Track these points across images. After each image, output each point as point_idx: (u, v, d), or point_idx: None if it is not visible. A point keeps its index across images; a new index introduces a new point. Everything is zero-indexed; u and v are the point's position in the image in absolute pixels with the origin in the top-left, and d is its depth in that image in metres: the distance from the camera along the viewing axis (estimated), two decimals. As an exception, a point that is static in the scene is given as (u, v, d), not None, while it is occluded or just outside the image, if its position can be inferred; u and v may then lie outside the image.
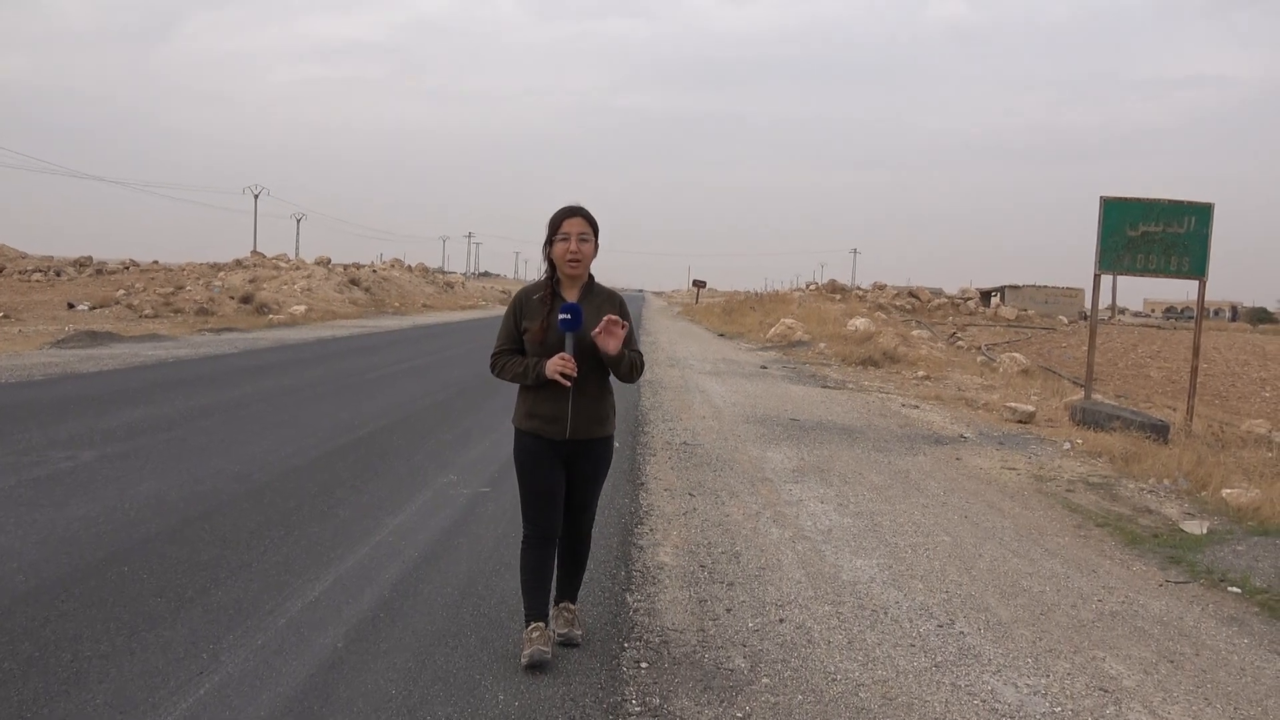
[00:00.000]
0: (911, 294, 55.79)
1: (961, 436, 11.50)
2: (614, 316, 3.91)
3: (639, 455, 9.19)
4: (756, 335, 30.86)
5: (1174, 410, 16.70)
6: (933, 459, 9.88)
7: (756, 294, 58.77)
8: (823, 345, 25.19)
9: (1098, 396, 16.24)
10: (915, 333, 32.37)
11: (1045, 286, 72.18)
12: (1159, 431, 11.46)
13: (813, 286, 55.54)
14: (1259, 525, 7.31)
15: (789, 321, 29.77)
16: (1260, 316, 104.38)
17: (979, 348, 33.84)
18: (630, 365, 4.07)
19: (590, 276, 4.14)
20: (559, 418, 3.99)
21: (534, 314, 4.03)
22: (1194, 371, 13.65)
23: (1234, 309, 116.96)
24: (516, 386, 4.15)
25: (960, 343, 35.31)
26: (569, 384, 3.91)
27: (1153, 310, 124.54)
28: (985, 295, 70.60)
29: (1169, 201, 13.31)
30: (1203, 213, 13.25)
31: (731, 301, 54.22)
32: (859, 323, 27.99)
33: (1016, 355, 26.00)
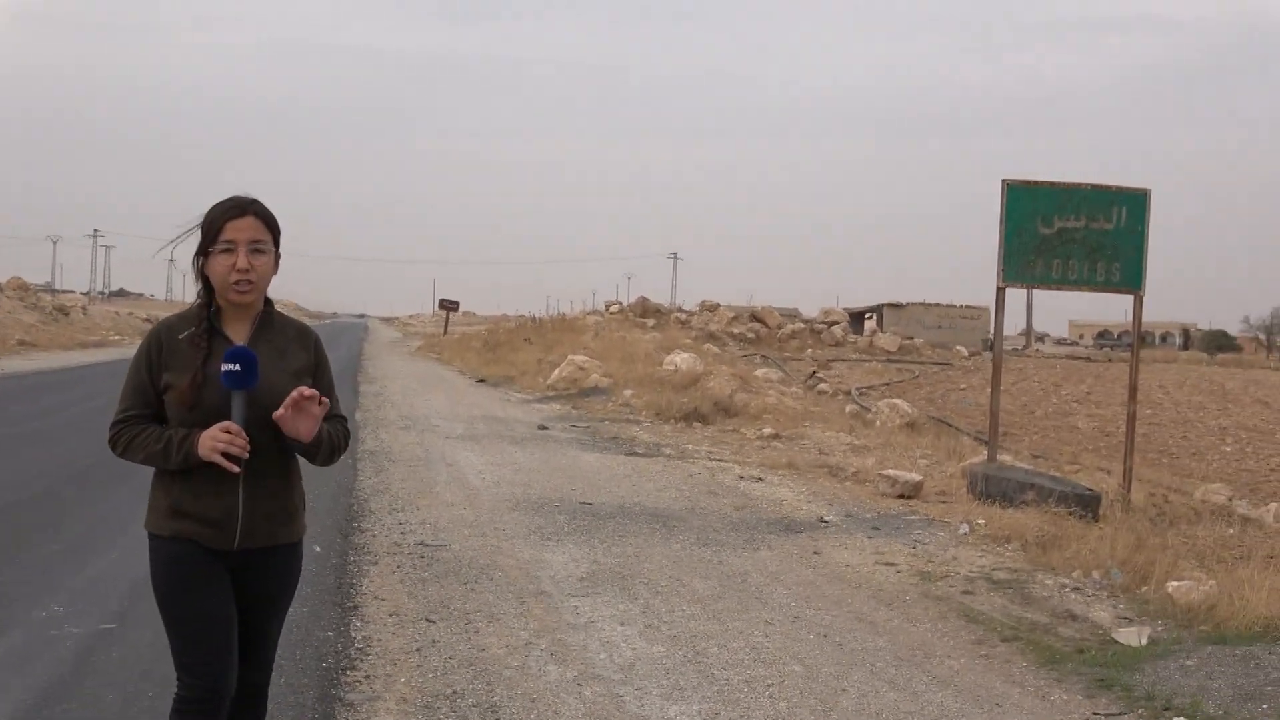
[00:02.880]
0: (755, 317, 57.40)
1: (822, 520, 11.89)
2: (308, 391, 3.83)
3: (352, 563, 9.05)
4: (533, 380, 30.97)
5: (1108, 474, 17.78)
6: (781, 554, 10.17)
7: (534, 319, 58.95)
8: (629, 393, 25.54)
9: (1006, 458, 17.12)
10: (760, 372, 33.31)
11: (937, 305, 75.80)
12: (1087, 505, 12.18)
13: (616, 308, 56.27)
14: (1214, 630, 7.88)
15: (581, 359, 30.05)
16: (1219, 343, 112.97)
17: (848, 392, 35.16)
18: (332, 448, 4.04)
19: (268, 303, 4.07)
20: (225, 518, 3.88)
21: (182, 362, 3.88)
22: (1131, 420, 14.57)
23: (1185, 333, 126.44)
24: (152, 471, 3.98)
25: (823, 386, 36.60)
26: (237, 469, 3.80)
27: (1081, 336, 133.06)
28: (857, 318, 73.49)
29: (1092, 187, 14.15)
30: (1136, 202, 14.08)
31: (497, 331, 54.23)
32: (681, 359, 28.53)
33: (898, 402, 27.13)
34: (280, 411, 3.79)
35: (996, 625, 8.03)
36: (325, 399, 3.91)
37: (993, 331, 15.72)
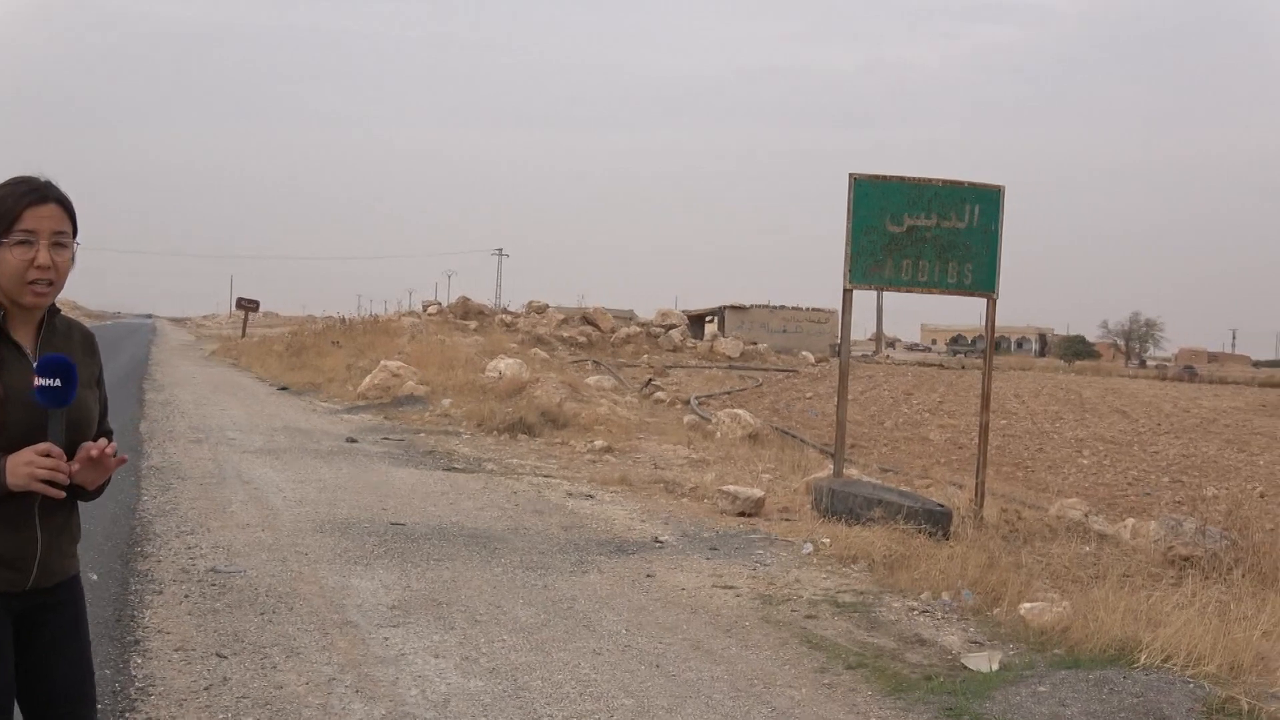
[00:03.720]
0: (587, 320, 57.69)
1: (656, 541, 11.96)
2: (110, 448, 3.60)
3: (133, 593, 8.85)
4: (342, 388, 30.64)
5: (960, 488, 18.19)
6: (612, 578, 10.21)
7: (343, 321, 58.25)
8: (448, 402, 25.42)
9: (853, 471, 17.42)
10: (592, 380, 33.45)
11: (782, 308, 77.04)
12: (938, 522, 12.43)
13: (434, 309, 56.02)
14: (1068, 654, 8.13)
15: (395, 365, 29.82)
16: (1077, 349, 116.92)
17: (686, 401, 35.45)
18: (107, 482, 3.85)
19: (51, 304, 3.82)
20: (21, 554, 3.64)
21: None
22: (984, 432, 14.92)
23: (1043, 338, 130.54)
24: None
25: (659, 394, 36.84)
26: (63, 495, 3.56)
27: (934, 341, 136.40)
28: (697, 321, 74.29)
29: (943, 183, 14.39)
30: (989, 199, 14.38)
31: (302, 334, 53.47)
32: (505, 366, 28.51)
33: (740, 412, 27.44)
34: (75, 466, 3.55)
35: (841, 652, 8.17)
36: (124, 456, 3.73)
37: (840, 336, 15.95)
